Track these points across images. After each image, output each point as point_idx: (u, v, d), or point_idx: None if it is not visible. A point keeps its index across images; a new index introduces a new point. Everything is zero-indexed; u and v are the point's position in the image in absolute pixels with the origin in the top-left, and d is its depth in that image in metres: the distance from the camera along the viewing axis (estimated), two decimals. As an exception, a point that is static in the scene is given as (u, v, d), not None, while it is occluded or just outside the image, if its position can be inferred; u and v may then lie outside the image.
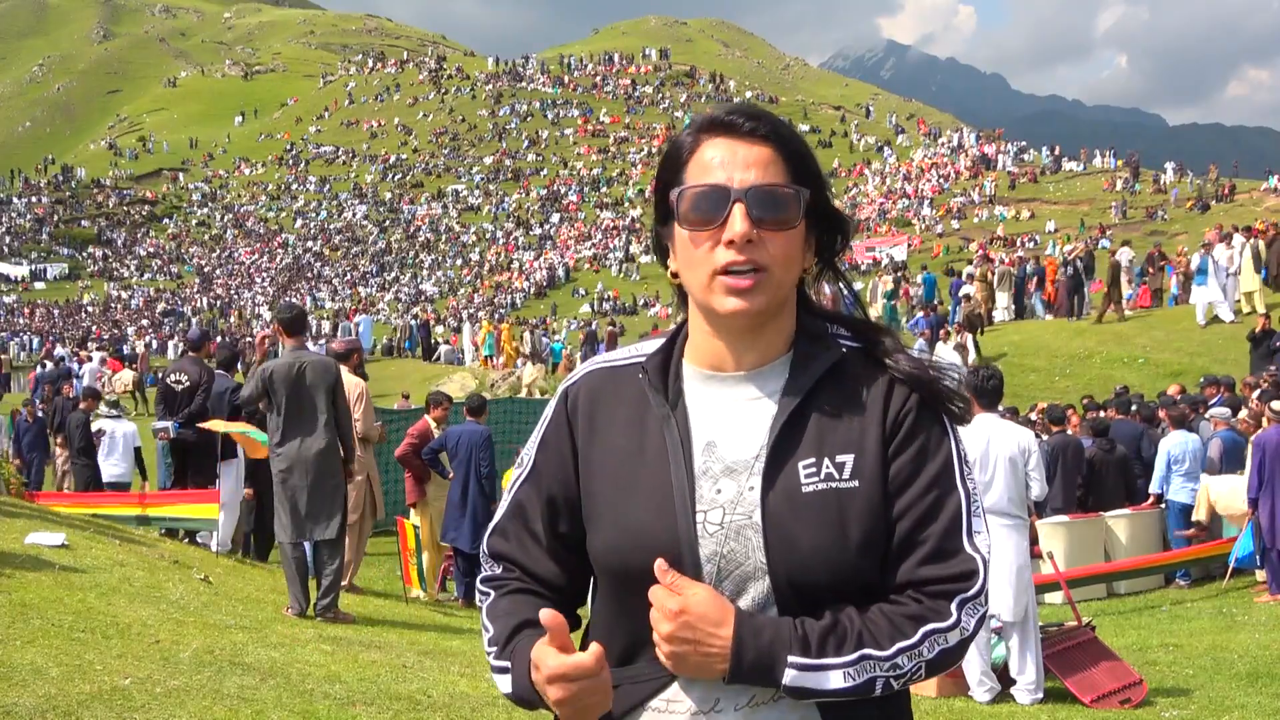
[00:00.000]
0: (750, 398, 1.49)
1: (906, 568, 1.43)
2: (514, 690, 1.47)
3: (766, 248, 1.43)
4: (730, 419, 1.49)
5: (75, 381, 24.69)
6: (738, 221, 1.42)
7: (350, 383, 8.37)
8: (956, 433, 1.49)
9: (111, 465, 12.98)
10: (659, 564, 1.39)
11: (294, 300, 43.03)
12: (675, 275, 1.53)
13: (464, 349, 33.56)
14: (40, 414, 16.35)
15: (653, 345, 1.57)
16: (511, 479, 1.62)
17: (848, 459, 1.44)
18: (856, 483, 1.43)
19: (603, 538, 1.48)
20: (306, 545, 7.29)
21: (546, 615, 1.38)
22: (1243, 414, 11.75)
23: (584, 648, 1.50)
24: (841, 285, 1.58)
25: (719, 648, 1.37)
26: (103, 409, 13.81)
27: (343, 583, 7.58)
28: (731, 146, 1.46)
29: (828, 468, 1.43)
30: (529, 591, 1.56)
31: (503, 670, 1.49)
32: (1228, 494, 10.31)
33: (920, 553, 1.43)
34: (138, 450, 13.18)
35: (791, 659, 1.37)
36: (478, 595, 1.61)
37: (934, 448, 1.46)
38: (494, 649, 1.51)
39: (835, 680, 1.37)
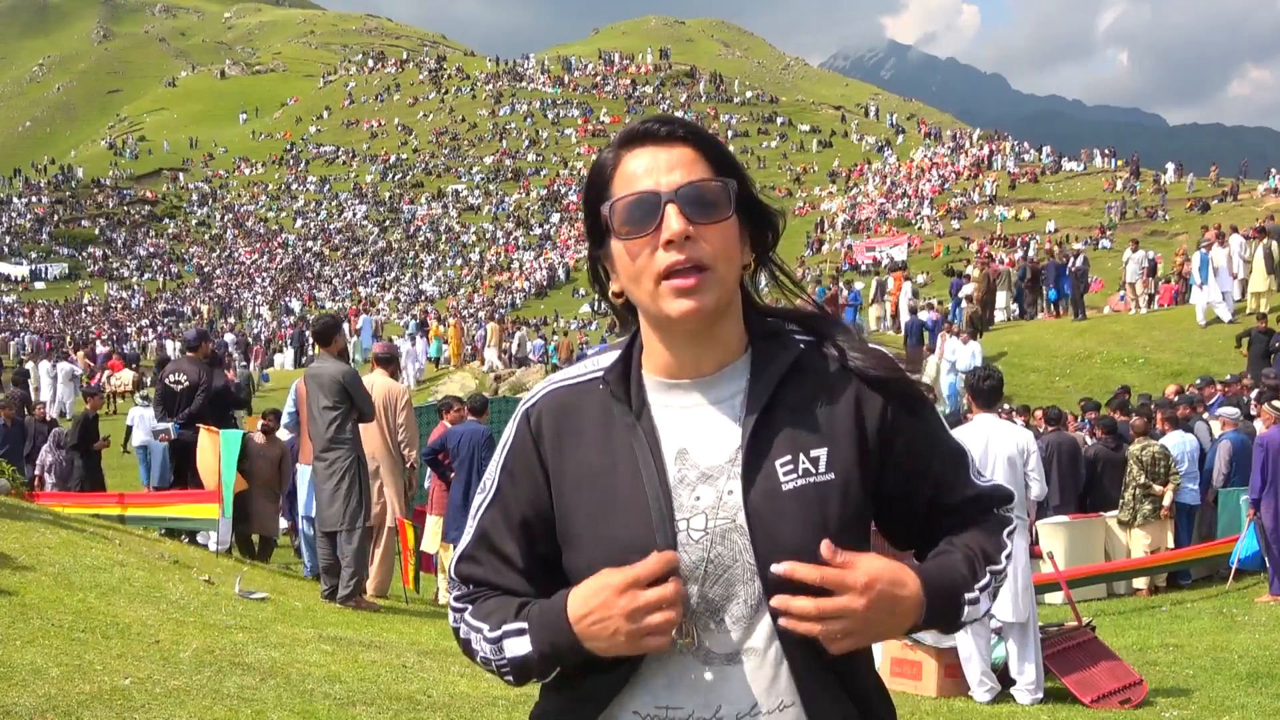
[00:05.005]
0: (714, 402, 1.49)
1: (955, 496, 1.54)
2: (534, 647, 1.42)
3: (704, 244, 1.42)
4: (698, 425, 1.48)
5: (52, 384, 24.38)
6: (673, 221, 1.40)
7: (399, 389, 9.10)
8: (928, 402, 1.58)
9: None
10: (825, 544, 1.36)
11: (330, 314, 42.68)
12: (619, 295, 1.51)
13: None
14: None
15: (609, 357, 1.55)
16: (475, 505, 1.57)
17: (821, 453, 1.46)
18: (832, 475, 1.45)
19: (584, 556, 1.45)
20: (339, 537, 7.77)
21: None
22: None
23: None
24: (783, 277, 1.57)
25: (910, 600, 1.40)
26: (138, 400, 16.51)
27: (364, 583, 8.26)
28: (653, 153, 1.45)
29: (804, 463, 1.44)
30: (511, 596, 1.52)
31: (518, 633, 1.43)
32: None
33: (961, 479, 1.55)
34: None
35: (966, 595, 1.46)
36: (451, 615, 1.54)
37: (924, 419, 1.54)
38: (502, 626, 1.45)
39: (985, 605, 1.48)
